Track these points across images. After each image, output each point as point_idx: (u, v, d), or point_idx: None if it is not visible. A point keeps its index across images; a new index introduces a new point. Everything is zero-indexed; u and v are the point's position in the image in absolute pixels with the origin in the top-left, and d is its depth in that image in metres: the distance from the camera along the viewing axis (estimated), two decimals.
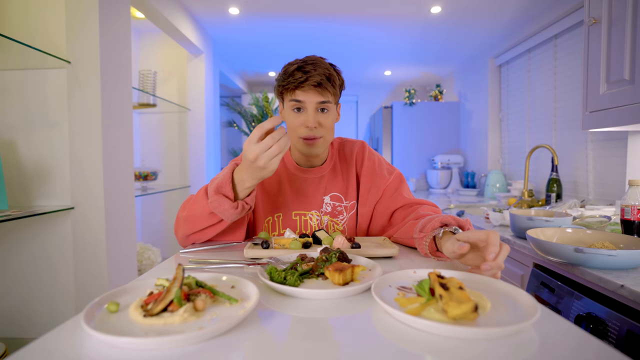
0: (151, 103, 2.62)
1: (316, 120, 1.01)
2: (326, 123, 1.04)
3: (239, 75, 4.73)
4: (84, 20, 1.50)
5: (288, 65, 1.03)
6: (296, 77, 0.99)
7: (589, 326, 0.97)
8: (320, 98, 1.01)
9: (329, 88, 1.01)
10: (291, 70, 1.01)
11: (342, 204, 1.13)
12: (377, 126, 4.59)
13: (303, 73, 0.99)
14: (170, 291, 0.51)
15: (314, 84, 0.98)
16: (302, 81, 0.98)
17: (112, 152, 1.61)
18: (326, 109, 1.03)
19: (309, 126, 1.01)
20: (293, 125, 1.04)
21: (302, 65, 1.00)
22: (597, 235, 1.15)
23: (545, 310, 0.53)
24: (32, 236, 1.51)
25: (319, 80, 0.98)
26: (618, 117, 1.41)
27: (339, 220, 1.12)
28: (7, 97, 1.50)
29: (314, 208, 1.11)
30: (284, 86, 1.02)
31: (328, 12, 2.73)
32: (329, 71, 1.01)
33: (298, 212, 1.11)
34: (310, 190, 1.12)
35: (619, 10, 1.40)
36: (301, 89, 1.00)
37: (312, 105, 1.01)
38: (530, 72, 2.90)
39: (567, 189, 2.42)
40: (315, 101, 1.01)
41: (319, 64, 1.01)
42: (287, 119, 1.06)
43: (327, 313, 0.55)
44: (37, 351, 0.43)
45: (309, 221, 1.11)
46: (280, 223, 1.11)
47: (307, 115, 1.01)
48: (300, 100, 1.01)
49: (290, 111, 1.04)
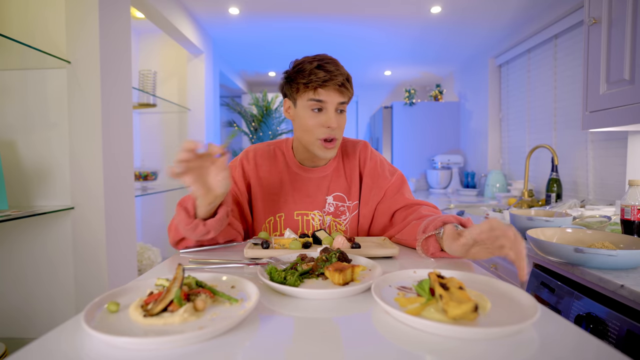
0: (151, 103, 2.61)
1: (337, 120, 1.00)
2: (342, 124, 1.03)
3: (239, 75, 4.73)
4: (84, 20, 1.50)
5: (304, 63, 0.99)
6: (319, 75, 0.96)
7: (589, 326, 0.97)
8: (341, 99, 0.99)
9: (349, 89, 1.00)
10: (311, 68, 0.97)
11: (345, 204, 1.12)
12: (377, 126, 4.59)
13: (326, 72, 0.96)
14: (170, 291, 0.51)
15: (338, 84, 0.96)
16: (326, 80, 0.96)
17: (112, 152, 1.61)
18: (343, 110, 1.02)
19: (330, 126, 0.99)
20: (309, 126, 1.00)
21: (322, 64, 0.97)
22: (597, 235, 1.15)
23: (545, 310, 0.53)
24: (32, 236, 1.51)
25: (342, 81, 0.97)
26: (618, 117, 1.41)
27: (342, 220, 1.11)
28: (7, 97, 1.50)
29: (317, 208, 1.11)
30: (304, 84, 0.98)
31: (328, 12, 2.73)
32: (346, 72, 1.00)
33: (300, 212, 1.10)
34: (313, 189, 1.11)
35: (619, 10, 1.40)
36: (324, 88, 0.97)
37: (333, 105, 0.99)
38: (530, 72, 2.90)
39: (567, 189, 2.42)
40: (337, 101, 0.99)
41: (338, 63, 0.99)
42: (301, 118, 1.02)
43: (327, 313, 0.55)
44: (37, 351, 0.43)
45: (311, 221, 1.10)
46: (281, 223, 1.10)
47: (328, 115, 0.99)
48: (322, 100, 0.98)
49: (307, 111, 1.00)
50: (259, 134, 4.79)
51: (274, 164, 1.13)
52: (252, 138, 4.85)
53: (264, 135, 4.77)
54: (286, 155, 1.15)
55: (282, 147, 1.16)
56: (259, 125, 4.80)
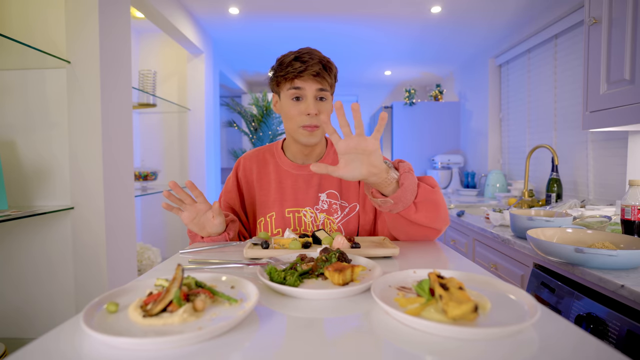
0: (151, 103, 2.62)
1: (316, 107, 1.03)
2: (323, 111, 1.05)
3: (239, 75, 4.73)
4: (84, 20, 1.50)
5: (283, 57, 1.05)
6: (295, 66, 1.00)
7: (589, 326, 0.97)
8: (319, 85, 1.03)
9: (327, 77, 1.03)
10: (288, 61, 1.02)
11: (338, 202, 1.12)
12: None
13: (301, 63, 1.01)
14: (169, 291, 0.51)
15: (313, 74, 1.00)
16: (302, 70, 1.00)
17: (112, 152, 1.61)
18: (324, 97, 1.05)
19: (310, 113, 1.02)
20: (291, 115, 1.04)
21: (299, 55, 1.02)
22: (598, 235, 1.15)
23: (545, 310, 0.53)
24: (31, 236, 1.51)
25: (317, 70, 1.01)
26: (618, 117, 1.41)
27: (334, 218, 1.11)
28: (7, 97, 1.50)
29: (308, 205, 1.11)
30: (282, 76, 1.03)
31: (328, 12, 2.73)
32: (325, 59, 1.04)
33: (291, 210, 1.11)
34: (305, 186, 1.12)
35: (619, 10, 1.40)
36: (300, 78, 1.01)
37: (311, 92, 1.03)
38: (530, 72, 2.90)
39: (567, 189, 2.42)
40: (314, 88, 1.02)
41: (314, 53, 1.03)
42: (284, 109, 1.07)
43: (327, 313, 0.55)
44: (37, 351, 0.43)
45: (303, 218, 1.10)
46: (272, 223, 1.11)
47: (307, 103, 1.03)
48: (299, 87, 1.02)
49: (288, 101, 1.05)
50: (259, 134, 4.79)
51: (263, 167, 1.16)
52: (252, 138, 4.85)
53: (264, 135, 4.77)
54: (276, 155, 1.17)
55: (273, 149, 1.20)
56: (259, 125, 4.80)
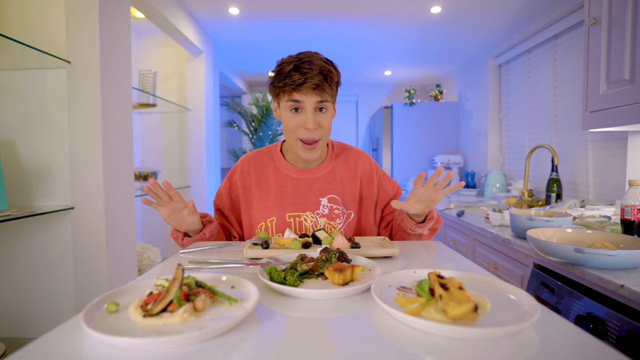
0: (151, 103, 2.62)
1: (315, 121, 1.00)
2: (324, 123, 1.02)
3: (239, 75, 4.73)
4: (84, 20, 1.50)
5: (282, 64, 1.00)
6: (294, 78, 0.96)
7: (589, 326, 0.97)
8: (318, 98, 0.99)
9: (327, 88, 0.99)
10: (287, 71, 0.97)
11: (340, 207, 1.11)
12: (377, 126, 4.59)
13: (301, 74, 0.96)
14: (169, 291, 0.51)
15: (312, 87, 0.96)
16: (300, 83, 0.96)
17: (112, 152, 1.61)
18: (325, 108, 1.02)
19: (308, 127, 0.99)
20: (290, 126, 1.02)
21: (298, 64, 0.97)
22: (597, 235, 1.15)
23: (545, 310, 0.53)
24: (31, 236, 1.51)
25: (317, 82, 0.96)
26: (618, 117, 1.41)
27: (337, 224, 1.10)
28: (7, 97, 1.50)
29: (309, 209, 1.09)
30: (280, 87, 0.99)
31: (328, 12, 2.73)
32: (325, 69, 0.98)
33: (292, 214, 1.09)
34: (305, 191, 1.10)
35: (619, 10, 1.40)
36: (299, 91, 0.98)
37: (310, 105, 0.99)
38: (530, 72, 2.90)
39: (567, 189, 2.42)
40: (313, 101, 0.99)
41: (315, 62, 0.98)
42: (283, 119, 1.04)
43: (327, 313, 0.55)
44: (37, 351, 0.43)
45: (304, 222, 1.09)
46: (273, 228, 1.09)
47: (306, 116, 0.99)
48: (298, 100, 0.99)
49: (287, 111, 1.02)
50: (259, 134, 4.79)
51: (262, 171, 1.14)
52: (252, 138, 4.85)
53: (264, 136, 4.76)
54: (275, 159, 1.15)
55: (271, 152, 1.17)
56: (259, 125, 4.79)
